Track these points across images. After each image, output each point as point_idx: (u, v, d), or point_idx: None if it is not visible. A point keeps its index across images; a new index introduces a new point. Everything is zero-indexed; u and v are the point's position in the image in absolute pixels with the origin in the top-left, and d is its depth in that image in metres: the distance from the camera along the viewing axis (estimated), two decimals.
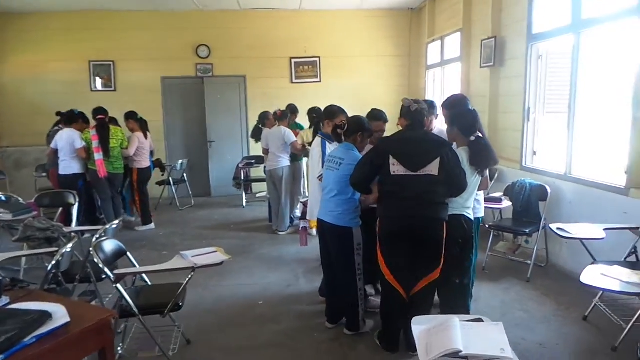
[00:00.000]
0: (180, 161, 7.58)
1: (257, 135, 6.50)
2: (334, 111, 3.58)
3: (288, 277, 4.40)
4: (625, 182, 3.59)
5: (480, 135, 3.06)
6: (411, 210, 2.76)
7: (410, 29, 8.42)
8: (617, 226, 3.32)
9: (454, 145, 3.07)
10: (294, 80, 8.39)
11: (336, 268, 3.20)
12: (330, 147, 3.50)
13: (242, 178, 7.46)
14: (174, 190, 7.51)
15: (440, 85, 7.50)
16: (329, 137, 3.54)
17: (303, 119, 6.46)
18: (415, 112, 2.87)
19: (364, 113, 3.44)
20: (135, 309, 2.65)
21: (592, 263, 3.27)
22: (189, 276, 2.73)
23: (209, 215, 6.99)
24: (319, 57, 8.38)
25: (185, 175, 7.72)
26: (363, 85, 8.30)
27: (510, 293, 3.90)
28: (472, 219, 3.07)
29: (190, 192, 7.75)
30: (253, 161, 7.51)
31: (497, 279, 4.19)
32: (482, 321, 1.82)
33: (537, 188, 4.41)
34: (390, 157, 2.77)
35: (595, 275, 2.39)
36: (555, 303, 3.68)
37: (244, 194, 7.51)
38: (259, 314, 3.64)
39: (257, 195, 7.95)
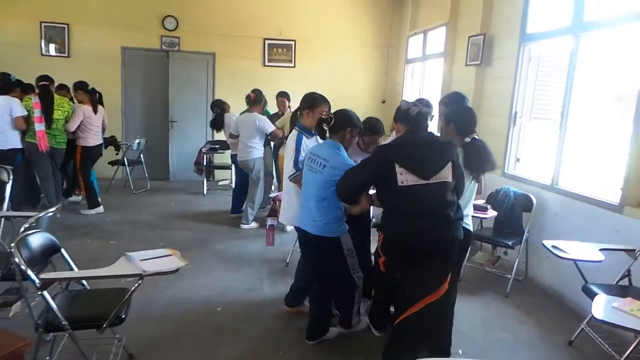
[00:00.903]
0: (137, 140, 6.94)
1: (218, 124, 5.99)
2: (314, 99, 3.12)
3: (250, 279, 3.98)
4: (620, 199, 3.38)
5: (476, 136, 2.75)
6: (428, 231, 2.39)
7: (391, 19, 8.06)
8: (612, 247, 3.09)
9: None
10: (267, 63, 7.87)
11: (329, 278, 2.84)
12: (308, 142, 3.06)
13: (205, 164, 6.93)
14: (128, 172, 6.88)
15: (420, 81, 7.20)
16: (307, 130, 3.10)
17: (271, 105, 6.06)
18: (416, 117, 2.48)
19: (337, 106, 3.01)
20: (65, 323, 2.16)
21: (584, 285, 3.05)
22: (136, 284, 2.27)
23: (165, 202, 6.43)
24: (295, 41, 7.89)
25: (142, 156, 7.09)
26: (338, 75, 7.89)
27: (491, 309, 3.64)
28: (471, 229, 2.79)
29: (147, 175, 7.13)
30: (217, 146, 6.98)
31: (475, 292, 3.93)
32: None
33: (522, 197, 4.18)
34: (397, 166, 2.36)
35: (608, 309, 2.13)
36: (537, 323, 3.44)
37: (205, 180, 6.98)
38: (217, 323, 3.20)
39: (220, 183, 7.46)
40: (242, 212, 5.63)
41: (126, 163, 6.79)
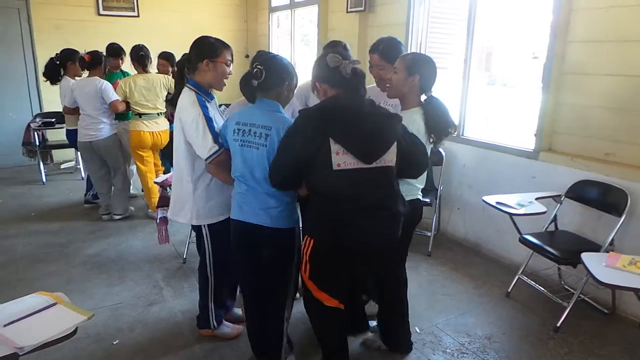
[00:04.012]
0: None
1: (54, 74, 4.49)
2: (212, 45, 2.22)
3: (144, 289, 3.13)
4: (534, 145, 3.39)
5: (432, 93, 2.34)
6: (369, 233, 1.91)
7: None
8: (545, 194, 3.07)
9: (399, 109, 2.33)
10: (102, 12, 6.39)
11: (265, 280, 2.15)
12: (210, 108, 2.23)
13: (37, 143, 5.44)
14: None
15: (290, 32, 6.60)
16: (205, 90, 2.25)
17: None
18: (353, 78, 1.86)
19: None
20: None
21: (521, 237, 3.00)
22: None
23: None
24: None
25: None
26: (193, 27, 6.62)
27: (421, 273, 3.46)
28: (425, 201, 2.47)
29: None
30: (53, 120, 5.49)
31: None
32: None
33: (431, 152, 4.02)
34: (332, 142, 1.79)
35: (608, 271, 1.98)
36: (470, 279, 3.37)
37: (41, 164, 5.50)
38: None
39: (62, 166, 6.01)
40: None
41: None
